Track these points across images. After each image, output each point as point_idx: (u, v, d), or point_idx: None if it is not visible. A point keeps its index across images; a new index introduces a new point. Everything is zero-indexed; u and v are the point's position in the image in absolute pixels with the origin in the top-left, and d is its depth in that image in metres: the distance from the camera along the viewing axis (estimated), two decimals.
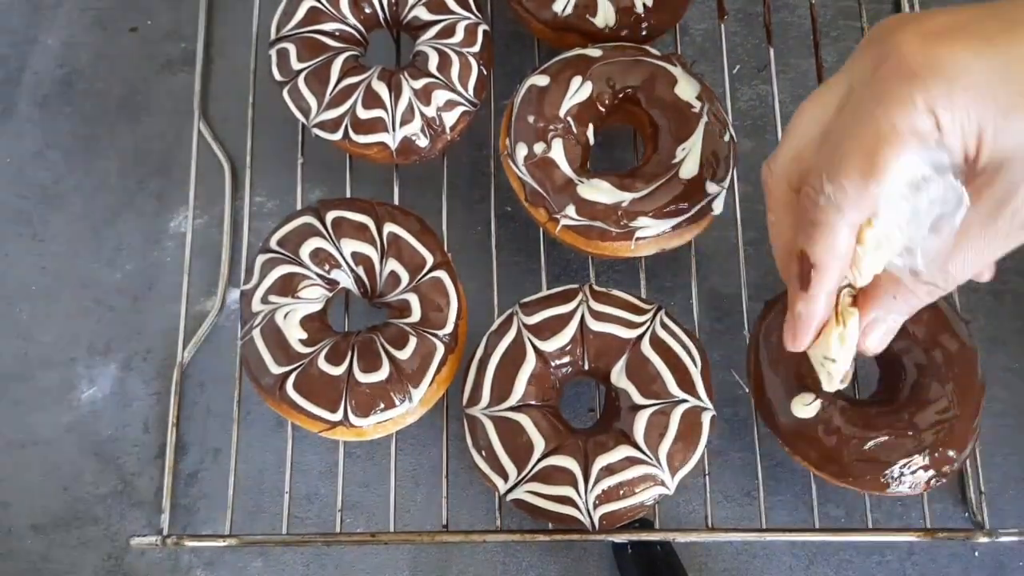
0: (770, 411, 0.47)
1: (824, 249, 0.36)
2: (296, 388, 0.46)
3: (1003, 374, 0.54)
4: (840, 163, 0.34)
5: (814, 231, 0.36)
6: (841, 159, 0.34)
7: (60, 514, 0.54)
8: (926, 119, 0.32)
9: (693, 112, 0.50)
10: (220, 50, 0.62)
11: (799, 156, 0.37)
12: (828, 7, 0.61)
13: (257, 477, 0.54)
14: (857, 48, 0.36)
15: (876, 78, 0.33)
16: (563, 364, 0.47)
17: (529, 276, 0.56)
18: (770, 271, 0.56)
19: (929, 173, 0.33)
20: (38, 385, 0.56)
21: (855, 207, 0.34)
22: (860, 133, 0.33)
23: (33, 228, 0.59)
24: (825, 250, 0.36)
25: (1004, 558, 0.51)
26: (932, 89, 0.32)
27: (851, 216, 0.35)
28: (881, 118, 0.32)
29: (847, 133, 0.34)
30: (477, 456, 0.46)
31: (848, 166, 0.34)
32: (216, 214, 0.58)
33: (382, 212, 0.49)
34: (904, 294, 0.38)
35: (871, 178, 0.33)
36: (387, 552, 0.53)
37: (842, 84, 0.36)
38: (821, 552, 0.52)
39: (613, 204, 0.48)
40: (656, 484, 0.45)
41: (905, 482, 0.45)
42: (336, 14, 0.53)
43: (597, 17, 0.52)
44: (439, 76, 0.51)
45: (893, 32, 0.33)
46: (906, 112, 0.32)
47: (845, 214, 0.35)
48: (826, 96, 0.36)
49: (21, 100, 0.62)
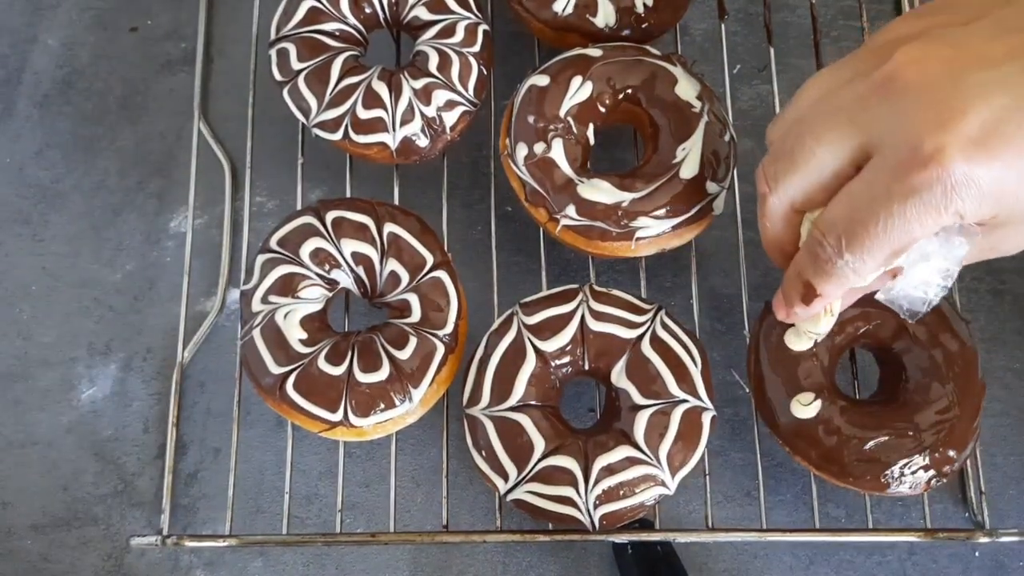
0: (770, 411, 0.47)
1: (832, 290, 0.40)
2: (296, 388, 0.46)
3: (1003, 374, 0.54)
4: (864, 243, 0.36)
5: (827, 278, 0.39)
6: (865, 239, 0.36)
7: (60, 514, 0.54)
8: (953, 219, 0.35)
9: (693, 112, 0.50)
10: (220, 50, 0.62)
11: (808, 193, 0.39)
12: (828, 7, 0.61)
13: (257, 477, 0.54)
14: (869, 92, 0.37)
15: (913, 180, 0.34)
16: (563, 364, 0.47)
17: (529, 276, 0.56)
18: (770, 271, 0.56)
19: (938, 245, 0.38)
20: (38, 385, 0.56)
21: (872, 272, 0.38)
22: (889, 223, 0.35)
23: (33, 228, 0.59)
24: (833, 291, 0.40)
25: (1004, 558, 0.51)
26: (967, 203, 0.34)
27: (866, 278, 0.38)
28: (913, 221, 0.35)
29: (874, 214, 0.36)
30: (477, 456, 0.46)
31: (873, 249, 0.36)
32: (216, 214, 0.58)
33: (382, 212, 0.49)
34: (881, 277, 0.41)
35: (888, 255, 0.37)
36: (387, 552, 0.53)
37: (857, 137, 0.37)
38: (821, 552, 0.52)
39: (613, 204, 0.48)
40: (656, 484, 0.45)
41: (905, 482, 0.45)
42: (336, 14, 0.53)
43: (597, 17, 0.52)
44: (439, 76, 0.51)
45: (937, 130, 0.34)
46: (939, 220, 0.35)
47: (861, 275, 0.38)
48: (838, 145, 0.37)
49: (21, 100, 0.62)
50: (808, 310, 0.42)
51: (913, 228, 0.35)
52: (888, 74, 0.36)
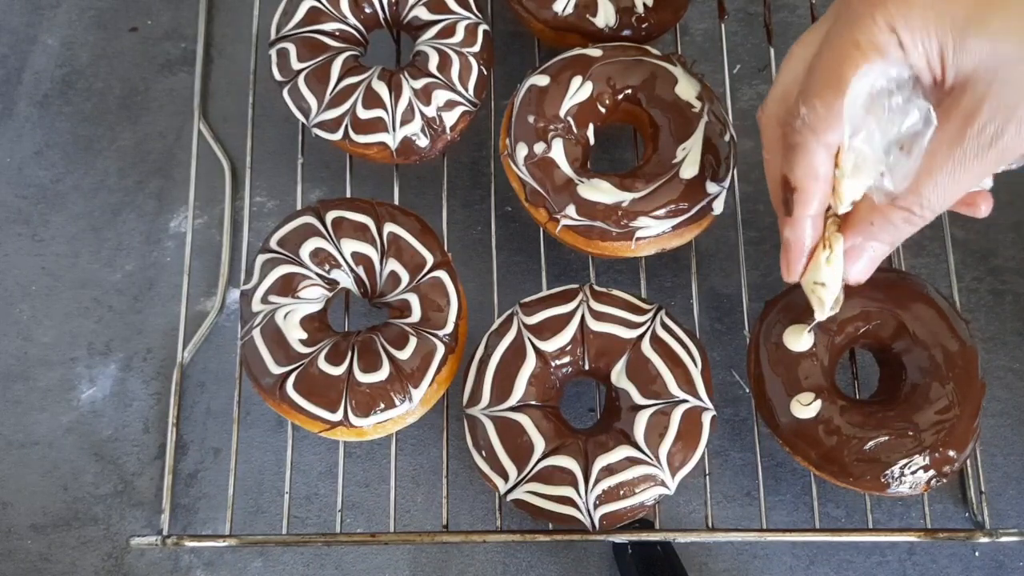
0: (770, 411, 0.47)
1: (802, 171, 0.38)
2: (296, 388, 0.46)
3: (1003, 374, 0.54)
4: (810, 84, 0.36)
5: (792, 154, 0.38)
6: (811, 80, 0.36)
7: (60, 514, 0.54)
8: (887, 36, 0.34)
9: (693, 112, 0.50)
10: (220, 50, 0.62)
11: (786, 94, 0.39)
12: (828, 7, 0.61)
13: (257, 477, 0.54)
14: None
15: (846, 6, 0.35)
16: (563, 364, 0.47)
17: (529, 276, 0.56)
18: (770, 271, 0.56)
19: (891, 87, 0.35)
20: (38, 385, 0.56)
21: (826, 125, 0.36)
22: (828, 55, 0.35)
23: (33, 228, 0.59)
24: (803, 172, 0.38)
25: (1004, 558, 0.51)
26: (891, 7, 0.33)
27: (824, 136, 0.37)
28: (845, 37, 0.35)
29: (820, 58, 0.36)
30: (477, 456, 0.46)
31: (817, 85, 0.36)
32: (216, 214, 0.58)
33: (382, 212, 0.49)
34: (880, 220, 0.39)
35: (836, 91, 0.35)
36: (387, 552, 0.53)
37: (826, 23, 0.38)
38: (821, 552, 0.52)
39: (613, 204, 0.48)
40: (656, 484, 0.45)
41: (905, 482, 0.45)
42: (336, 14, 0.53)
43: (597, 17, 0.52)
44: (439, 76, 0.51)
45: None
46: (866, 28, 0.34)
47: (818, 134, 0.36)
48: (811, 36, 0.38)
49: (21, 100, 0.62)
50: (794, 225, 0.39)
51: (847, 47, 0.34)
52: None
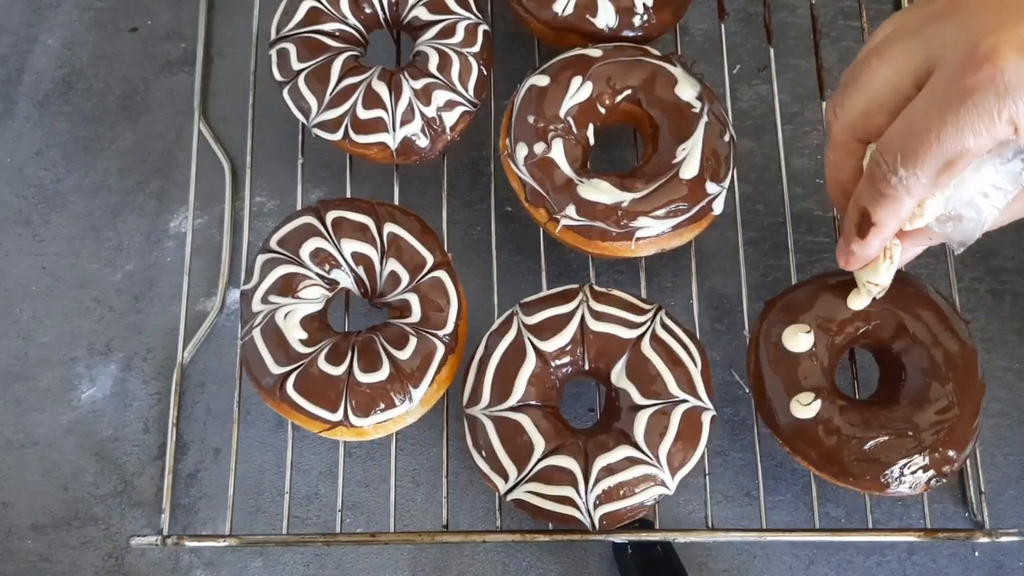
0: (770, 411, 0.47)
1: (888, 216, 0.39)
2: (296, 388, 0.46)
3: (1003, 374, 0.54)
4: (918, 155, 0.36)
5: (882, 200, 0.39)
6: (919, 151, 0.36)
7: (60, 514, 0.54)
8: (1007, 129, 0.34)
9: (693, 112, 0.50)
10: (220, 50, 0.62)
11: (868, 113, 0.39)
12: (828, 7, 0.61)
13: (257, 477, 0.54)
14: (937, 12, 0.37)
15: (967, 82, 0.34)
16: (563, 364, 0.47)
17: (529, 276, 0.56)
18: (770, 271, 0.56)
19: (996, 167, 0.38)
20: (38, 385, 0.56)
21: (925, 192, 0.38)
22: (942, 133, 0.35)
23: (33, 228, 0.59)
24: (888, 217, 0.39)
25: (1004, 558, 0.51)
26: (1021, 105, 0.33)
27: (919, 196, 0.38)
28: (966, 129, 0.34)
29: (929, 124, 0.35)
30: (477, 456, 0.46)
31: (927, 162, 0.36)
32: (216, 214, 0.58)
33: (382, 212, 0.49)
34: (939, 238, 0.43)
35: (947, 178, 0.36)
36: (387, 552, 0.53)
37: (918, 53, 0.37)
38: (821, 552, 0.52)
39: (613, 204, 0.48)
40: (656, 484, 0.45)
41: (905, 482, 0.45)
42: (336, 14, 0.53)
43: (597, 17, 0.52)
44: (439, 76, 0.51)
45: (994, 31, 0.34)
46: (992, 128, 0.34)
47: (914, 196, 0.38)
48: (901, 61, 0.38)
49: (21, 100, 0.62)
50: (864, 246, 0.41)
51: (966, 136, 0.34)
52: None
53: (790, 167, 0.56)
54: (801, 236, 0.56)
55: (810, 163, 0.58)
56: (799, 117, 0.59)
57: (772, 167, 0.57)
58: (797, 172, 0.58)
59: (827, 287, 0.48)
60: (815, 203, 0.57)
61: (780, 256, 0.56)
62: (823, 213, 0.57)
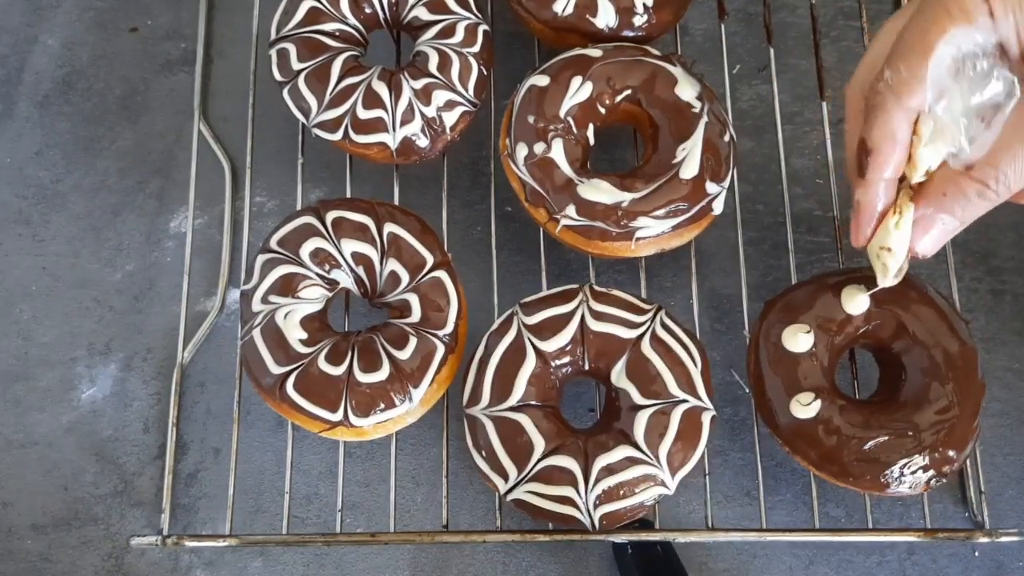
0: (770, 411, 0.47)
1: (880, 133, 0.38)
2: (296, 388, 0.46)
3: (1003, 374, 0.54)
4: (896, 48, 0.36)
5: (872, 116, 0.38)
6: (898, 44, 0.36)
7: (60, 514, 0.54)
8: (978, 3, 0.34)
9: (693, 112, 0.50)
10: (220, 50, 0.62)
11: (874, 64, 0.39)
12: (828, 7, 0.61)
13: (257, 477, 0.54)
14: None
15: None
16: (563, 364, 0.47)
17: (529, 276, 0.56)
18: (770, 271, 0.56)
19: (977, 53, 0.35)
20: (38, 385, 0.56)
21: (909, 88, 0.37)
22: (917, 19, 0.36)
23: (33, 228, 0.59)
24: (881, 134, 0.38)
25: (1004, 558, 0.51)
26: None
27: (906, 99, 0.37)
28: (936, 4, 0.35)
29: (908, 23, 0.36)
30: (477, 456, 0.46)
31: (903, 48, 0.36)
32: (216, 214, 0.58)
33: (382, 212, 0.49)
34: (953, 191, 0.39)
35: (921, 55, 0.36)
36: (387, 552, 0.53)
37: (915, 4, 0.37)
38: (821, 552, 0.52)
39: (613, 204, 0.48)
40: (656, 484, 0.45)
41: (905, 482, 0.45)
42: (336, 14, 0.53)
43: (597, 17, 0.52)
44: (439, 76, 0.51)
45: None
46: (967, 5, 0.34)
47: (900, 96, 0.37)
48: (905, 11, 0.39)
49: (21, 100, 0.62)
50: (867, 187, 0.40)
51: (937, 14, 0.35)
52: None
53: (790, 167, 0.56)
54: (801, 236, 0.56)
55: (810, 163, 0.58)
56: (799, 117, 0.59)
57: (772, 167, 0.57)
58: (797, 172, 0.58)
59: (827, 287, 0.48)
60: (815, 203, 0.57)
61: (780, 256, 0.56)
62: (823, 213, 0.57)
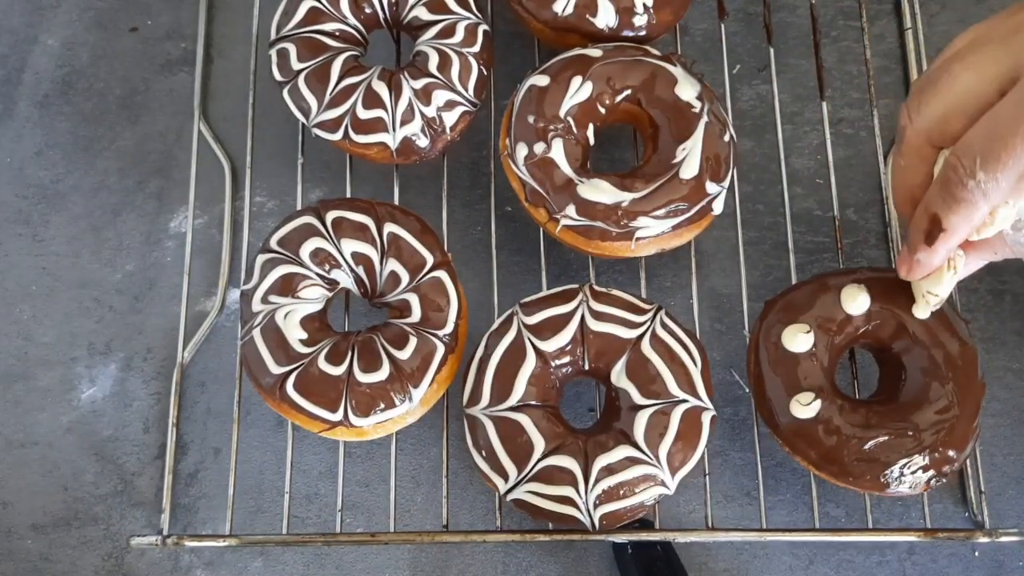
0: (770, 411, 0.47)
1: (960, 221, 0.39)
2: (296, 388, 0.46)
3: (1003, 374, 0.54)
4: (1000, 158, 0.36)
5: (956, 205, 0.38)
6: (1001, 154, 0.36)
7: (60, 514, 0.54)
8: None
9: (693, 112, 0.50)
10: (220, 50, 0.62)
11: (947, 119, 0.39)
12: (828, 7, 0.61)
13: (257, 477, 0.54)
14: None
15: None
16: (563, 364, 0.47)
17: (529, 276, 0.56)
18: (770, 271, 0.56)
19: None
20: (38, 385, 0.56)
21: (1003, 197, 0.37)
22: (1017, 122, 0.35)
23: (33, 228, 0.59)
24: (960, 222, 0.39)
25: (1004, 558, 0.51)
26: None
27: (995, 201, 0.38)
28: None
29: (1015, 128, 0.35)
30: (477, 456, 0.46)
31: (1008, 166, 0.36)
32: (216, 214, 0.58)
33: (382, 212, 0.49)
34: (1004, 252, 0.43)
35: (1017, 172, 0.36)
36: (387, 552, 0.53)
37: (1005, 60, 0.37)
38: (821, 552, 0.52)
39: (613, 204, 0.48)
40: (656, 484, 0.45)
41: (905, 482, 0.45)
42: (336, 14, 0.53)
43: (597, 17, 0.52)
44: (439, 76, 0.51)
45: None
46: None
47: (991, 201, 0.37)
48: (986, 67, 0.37)
49: (21, 100, 0.62)
50: (931, 253, 0.41)
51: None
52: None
53: (790, 167, 0.56)
54: (801, 236, 0.56)
55: (810, 163, 0.58)
56: (799, 117, 0.59)
57: (772, 167, 0.57)
58: (797, 172, 0.58)
59: (827, 287, 0.48)
60: (815, 203, 0.57)
61: (780, 256, 0.56)
62: (823, 213, 0.57)
